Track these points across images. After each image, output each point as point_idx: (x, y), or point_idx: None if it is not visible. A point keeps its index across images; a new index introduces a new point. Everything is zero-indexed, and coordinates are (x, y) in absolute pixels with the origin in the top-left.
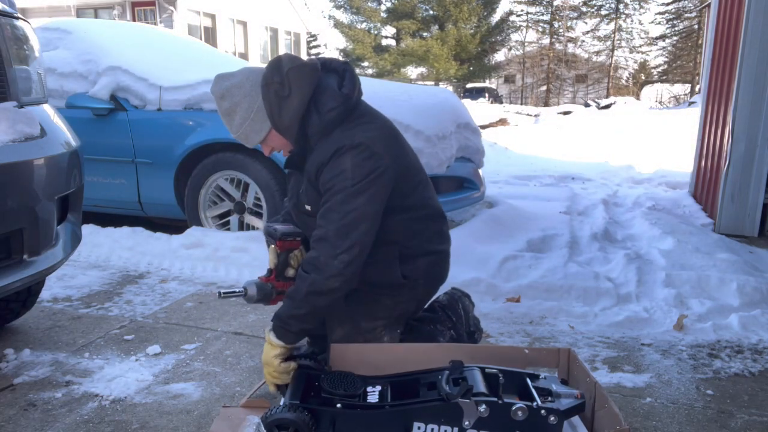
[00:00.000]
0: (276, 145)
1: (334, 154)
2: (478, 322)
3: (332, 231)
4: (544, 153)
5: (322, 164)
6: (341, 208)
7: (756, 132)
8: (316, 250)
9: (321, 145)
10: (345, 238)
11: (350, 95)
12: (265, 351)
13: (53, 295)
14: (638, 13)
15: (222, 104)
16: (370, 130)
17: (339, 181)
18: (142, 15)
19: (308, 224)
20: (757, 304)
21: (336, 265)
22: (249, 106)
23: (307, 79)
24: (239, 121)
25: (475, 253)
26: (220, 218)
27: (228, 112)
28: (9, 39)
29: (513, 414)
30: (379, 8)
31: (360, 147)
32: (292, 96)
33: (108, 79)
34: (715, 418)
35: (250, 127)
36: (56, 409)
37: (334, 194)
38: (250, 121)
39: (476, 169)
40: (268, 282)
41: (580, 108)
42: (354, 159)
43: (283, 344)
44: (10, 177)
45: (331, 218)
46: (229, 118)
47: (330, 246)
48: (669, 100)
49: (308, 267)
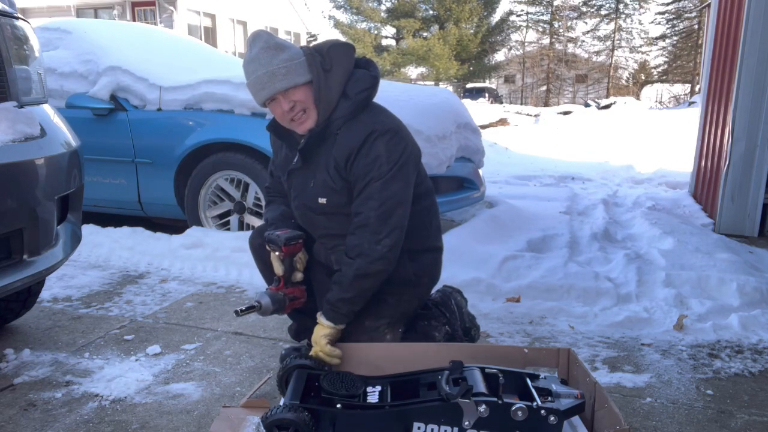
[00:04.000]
0: (298, 100)
1: (366, 140)
2: (474, 319)
3: (373, 217)
4: (544, 153)
5: (353, 150)
6: (380, 195)
7: (756, 132)
8: (358, 237)
9: (347, 130)
10: (385, 223)
11: (379, 78)
12: (315, 331)
13: (53, 295)
14: (638, 13)
15: (274, 40)
16: (391, 116)
17: (375, 168)
18: (142, 15)
19: (316, 222)
20: (757, 304)
21: (380, 250)
22: (298, 53)
23: (346, 56)
24: (287, 55)
25: (475, 253)
26: (220, 218)
27: (278, 47)
28: (9, 39)
29: (513, 414)
30: (380, 8)
31: (390, 132)
32: (333, 69)
33: (108, 79)
34: (715, 418)
35: (294, 68)
36: (56, 409)
37: (372, 181)
38: (298, 62)
39: (476, 169)
40: (278, 291)
41: (580, 108)
42: (387, 144)
43: (332, 324)
44: (10, 177)
45: (371, 205)
46: (274, 52)
47: (372, 232)
48: (669, 100)
49: (352, 253)
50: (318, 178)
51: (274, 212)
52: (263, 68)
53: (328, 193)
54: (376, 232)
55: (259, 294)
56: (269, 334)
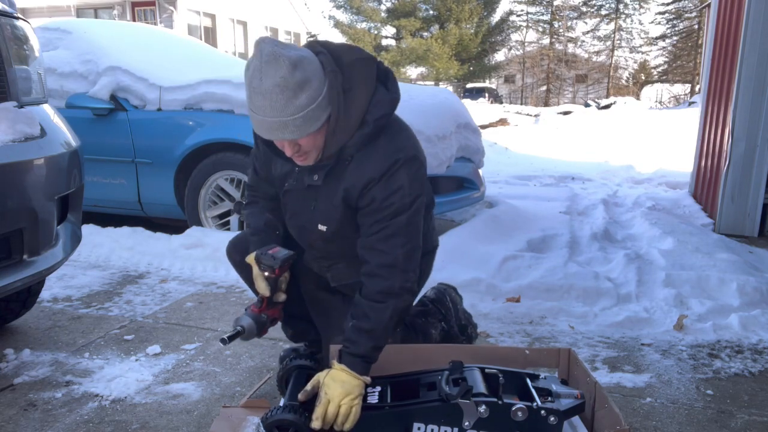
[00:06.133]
0: (305, 144)
1: (389, 170)
2: (470, 317)
3: (401, 257)
4: (544, 153)
5: (372, 180)
6: (406, 231)
7: (756, 132)
8: (386, 278)
9: (364, 157)
10: (412, 259)
11: (399, 98)
12: (348, 386)
13: (53, 295)
14: (638, 13)
15: (293, 75)
16: (411, 136)
17: (397, 200)
18: (142, 15)
19: (314, 244)
20: (757, 304)
21: (409, 286)
22: (319, 86)
23: (369, 75)
24: (306, 100)
25: (475, 253)
26: (220, 218)
27: (298, 86)
28: (9, 39)
29: (513, 414)
30: (380, 8)
31: (413, 160)
32: (354, 91)
33: (108, 79)
34: (715, 418)
35: (314, 112)
36: (56, 409)
37: (394, 216)
38: (317, 104)
39: (476, 169)
40: (261, 312)
41: (580, 108)
42: (410, 173)
43: (366, 377)
44: (10, 177)
45: (397, 243)
46: (292, 94)
47: (401, 271)
48: (669, 100)
49: (381, 297)
50: (320, 204)
51: (258, 220)
52: (275, 114)
53: (330, 222)
54: (404, 270)
55: (242, 318)
56: (269, 334)
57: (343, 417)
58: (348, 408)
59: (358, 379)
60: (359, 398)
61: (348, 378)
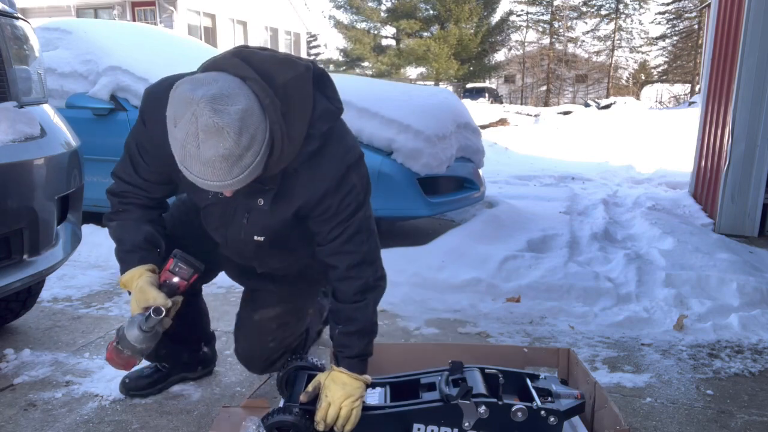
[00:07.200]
0: None
1: (342, 177)
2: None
3: (367, 251)
4: (544, 153)
5: (328, 191)
6: (366, 224)
7: (756, 132)
8: (359, 278)
9: (313, 167)
10: (376, 248)
11: (342, 109)
12: (349, 388)
13: (53, 295)
14: (638, 13)
15: (239, 142)
16: (350, 133)
17: (353, 199)
18: (142, 15)
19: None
20: (757, 304)
21: (381, 274)
22: (262, 133)
23: (304, 87)
24: (251, 158)
25: (475, 253)
26: None
27: (245, 149)
28: (9, 39)
29: (513, 415)
30: (380, 8)
31: (361, 158)
32: (293, 112)
33: (108, 79)
34: (715, 418)
35: (259, 162)
36: (56, 409)
37: (353, 215)
38: (261, 154)
39: (476, 169)
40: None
41: (580, 108)
42: (359, 172)
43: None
44: (10, 177)
45: (361, 239)
46: (237, 159)
47: (370, 264)
48: (669, 100)
49: (359, 296)
50: (254, 215)
51: (135, 234)
52: (217, 179)
53: (268, 232)
54: (372, 261)
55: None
56: None
57: (343, 419)
58: (348, 411)
59: (358, 380)
60: (360, 400)
61: (348, 380)
